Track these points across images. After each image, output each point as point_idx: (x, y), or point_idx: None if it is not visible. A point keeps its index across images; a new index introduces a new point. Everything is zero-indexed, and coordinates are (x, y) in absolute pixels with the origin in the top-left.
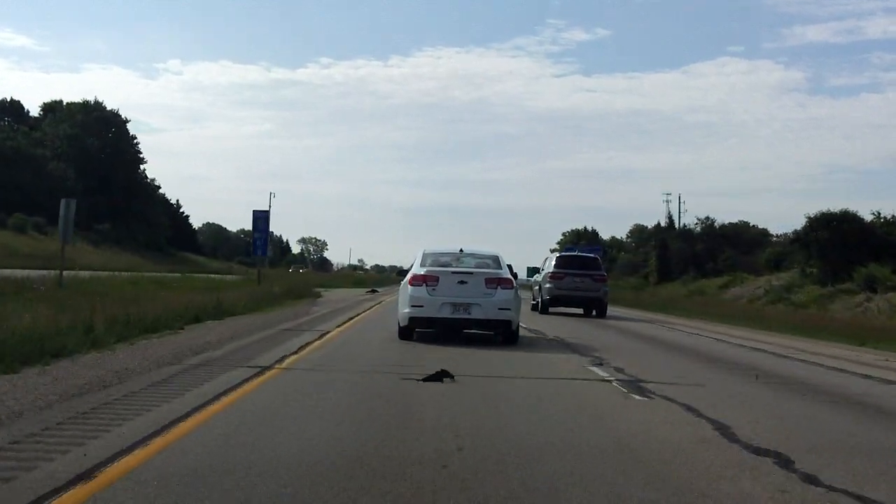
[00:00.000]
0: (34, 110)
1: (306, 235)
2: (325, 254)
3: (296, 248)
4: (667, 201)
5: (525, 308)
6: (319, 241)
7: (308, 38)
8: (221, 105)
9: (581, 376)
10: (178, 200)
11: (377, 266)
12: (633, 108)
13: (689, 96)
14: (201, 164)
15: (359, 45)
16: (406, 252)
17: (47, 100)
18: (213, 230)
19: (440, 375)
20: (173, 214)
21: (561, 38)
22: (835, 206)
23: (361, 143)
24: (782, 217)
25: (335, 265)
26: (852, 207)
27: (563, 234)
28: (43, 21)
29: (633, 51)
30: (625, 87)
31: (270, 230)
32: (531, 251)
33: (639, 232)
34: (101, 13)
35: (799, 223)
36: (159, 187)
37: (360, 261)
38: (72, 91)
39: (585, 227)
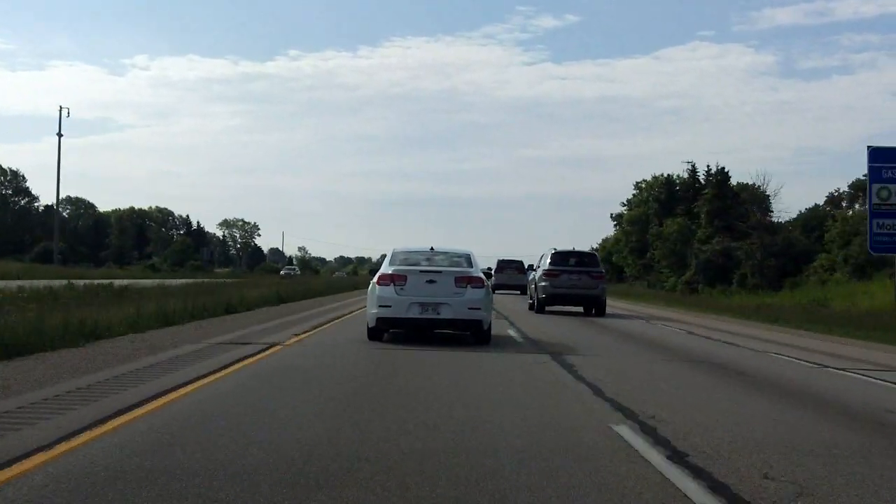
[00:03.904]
0: None
1: (230, 217)
2: (258, 241)
3: (218, 234)
4: (689, 170)
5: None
6: (248, 224)
7: (276, 30)
8: (190, 100)
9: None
10: None
11: (342, 258)
12: (604, 94)
13: (661, 81)
14: (172, 161)
15: (327, 37)
16: (376, 244)
17: None
18: (83, 212)
19: None
20: None
21: (530, 25)
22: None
23: (332, 136)
24: None
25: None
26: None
27: (639, 186)
28: (8, 19)
29: (603, 37)
30: (595, 74)
31: (169, 209)
32: (509, 242)
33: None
34: (66, 10)
35: None
36: None
37: (301, 249)
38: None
39: (694, 169)
